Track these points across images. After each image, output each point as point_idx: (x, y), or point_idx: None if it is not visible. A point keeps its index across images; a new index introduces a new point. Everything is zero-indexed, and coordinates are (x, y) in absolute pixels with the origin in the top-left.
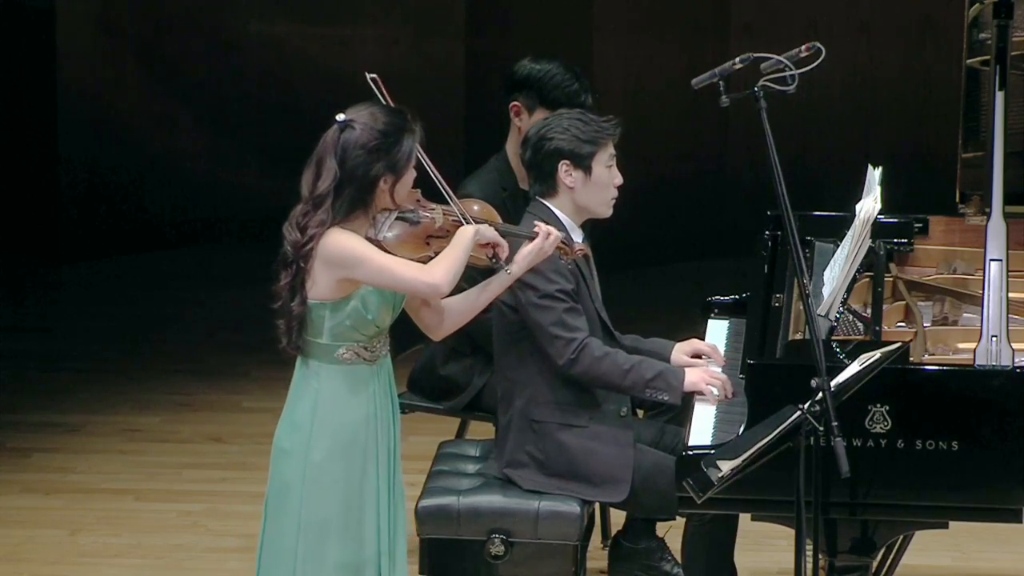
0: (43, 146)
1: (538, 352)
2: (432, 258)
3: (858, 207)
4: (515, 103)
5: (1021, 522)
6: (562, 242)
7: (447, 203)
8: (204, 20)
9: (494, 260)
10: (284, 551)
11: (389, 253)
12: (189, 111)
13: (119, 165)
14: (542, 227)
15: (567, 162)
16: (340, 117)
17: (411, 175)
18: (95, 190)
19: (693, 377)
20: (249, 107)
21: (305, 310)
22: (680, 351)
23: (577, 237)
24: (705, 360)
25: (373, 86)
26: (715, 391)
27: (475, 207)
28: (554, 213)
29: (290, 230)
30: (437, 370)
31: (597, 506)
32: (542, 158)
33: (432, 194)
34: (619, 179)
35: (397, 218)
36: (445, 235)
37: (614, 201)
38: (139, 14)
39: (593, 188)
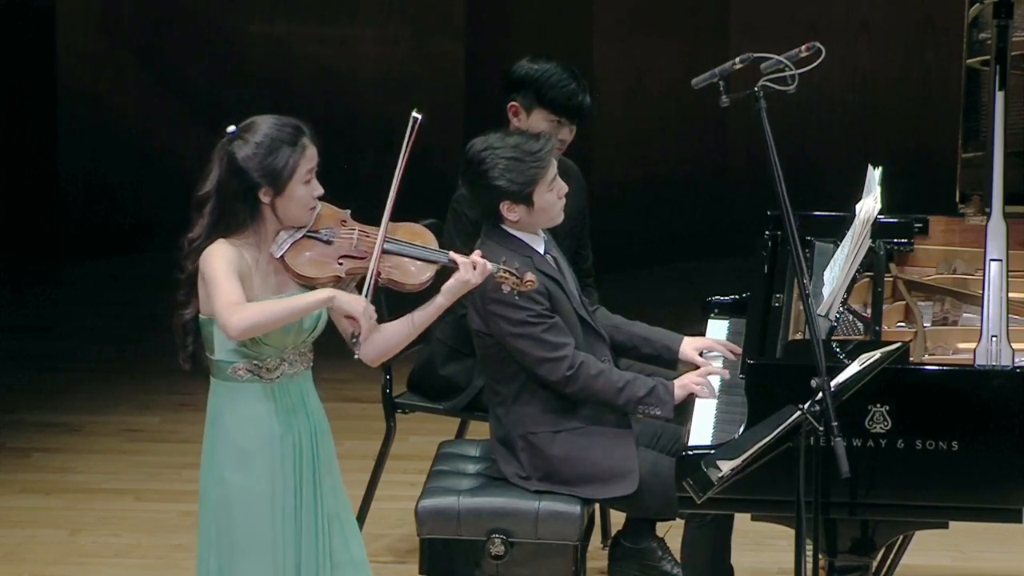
0: (43, 146)
1: (522, 369)
2: (341, 279)
3: (858, 207)
4: (513, 103)
5: (1021, 522)
6: (508, 272)
7: (395, 223)
8: (204, 20)
9: (353, 337)
10: (203, 568)
11: (290, 270)
12: (189, 111)
13: (119, 165)
14: (468, 258)
15: (507, 202)
16: (231, 128)
17: (302, 191)
18: (95, 190)
19: (683, 386)
20: (249, 107)
21: (192, 321)
22: (690, 345)
23: (539, 247)
24: (707, 357)
25: (411, 124)
26: (704, 391)
27: (399, 233)
28: (510, 233)
29: (185, 237)
30: (437, 370)
31: (597, 506)
32: (481, 194)
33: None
34: (564, 189)
35: (306, 236)
36: (363, 256)
37: (563, 207)
38: (139, 14)
39: (539, 214)
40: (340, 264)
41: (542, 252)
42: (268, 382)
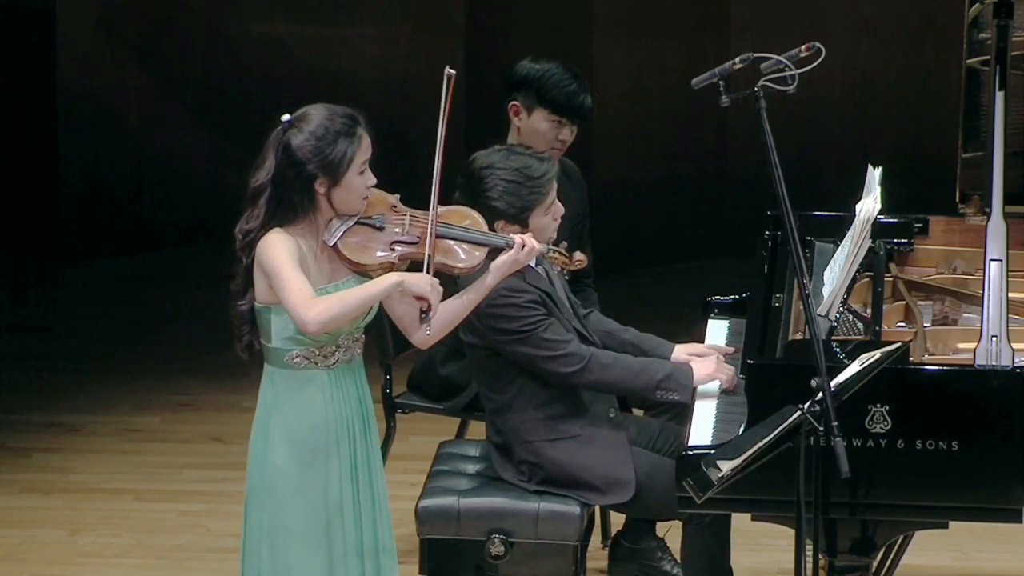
0: (43, 146)
1: (520, 376)
2: (395, 265)
3: (858, 207)
4: (514, 103)
5: (1021, 522)
6: (558, 252)
7: (441, 208)
8: (204, 20)
9: (422, 315)
10: (253, 554)
11: (344, 257)
12: (189, 111)
13: (119, 165)
14: (518, 238)
15: (502, 221)
16: (285, 117)
17: (358, 181)
18: (95, 190)
19: (704, 370)
20: (249, 107)
21: (249, 311)
22: (683, 352)
23: (531, 261)
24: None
25: (445, 81)
26: (723, 378)
27: (449, 217)
28: None
29: (238, 228)
30: (437, 370)
31: (597, 506)
32: (480, 208)
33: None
34: (560, 211)
35: (359, 223)
36: (415, 241)
37: (557, 227)
38: (139, 14)
39: (534, 235)
40: (393, 250)
41: (533, 264)
42: (324, 369)
